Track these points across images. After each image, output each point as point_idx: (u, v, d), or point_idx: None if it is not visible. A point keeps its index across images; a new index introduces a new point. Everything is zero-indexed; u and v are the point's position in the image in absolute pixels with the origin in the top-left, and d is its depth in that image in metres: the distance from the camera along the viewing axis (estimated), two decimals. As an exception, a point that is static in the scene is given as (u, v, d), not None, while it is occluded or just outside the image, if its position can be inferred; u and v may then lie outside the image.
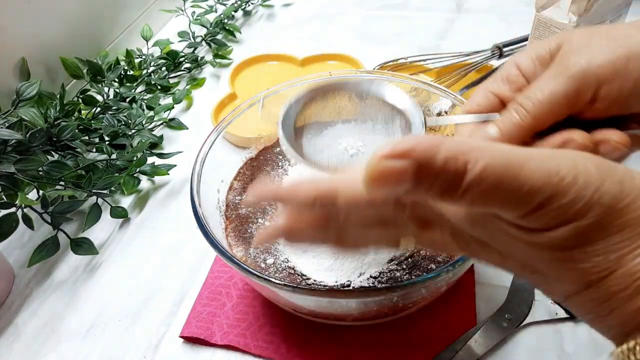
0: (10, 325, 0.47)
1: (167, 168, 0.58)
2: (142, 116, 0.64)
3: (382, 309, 0.38)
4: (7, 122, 0.52)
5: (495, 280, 0.46)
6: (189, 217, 0.40)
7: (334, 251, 0.41)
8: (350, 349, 0.42)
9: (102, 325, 0.46)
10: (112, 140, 0.61)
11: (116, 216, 0.55)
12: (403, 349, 0.41)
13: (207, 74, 0.77)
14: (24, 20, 0.63)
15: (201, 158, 0.44)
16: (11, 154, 0.51)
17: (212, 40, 0.81)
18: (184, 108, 0.71)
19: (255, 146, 0.52)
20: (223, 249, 0.37)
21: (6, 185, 0.49)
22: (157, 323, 0.46)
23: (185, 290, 0.48)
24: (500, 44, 0.68)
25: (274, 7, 0.94)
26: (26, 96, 0.54)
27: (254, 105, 0.50)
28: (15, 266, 0.52)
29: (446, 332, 0.42)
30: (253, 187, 0.31)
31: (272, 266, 0.41)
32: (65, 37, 0.70)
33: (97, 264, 0.51)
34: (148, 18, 0.86)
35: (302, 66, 0.75)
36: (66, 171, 0.52)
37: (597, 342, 0.41)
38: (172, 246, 0.52)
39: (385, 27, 0.84)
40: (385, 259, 0.41)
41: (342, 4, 0.92)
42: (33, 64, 0.64)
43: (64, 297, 0.49)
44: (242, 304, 0.45)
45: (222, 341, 0.43)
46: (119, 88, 0.70)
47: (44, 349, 0.45)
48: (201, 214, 0.40)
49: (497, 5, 0.86)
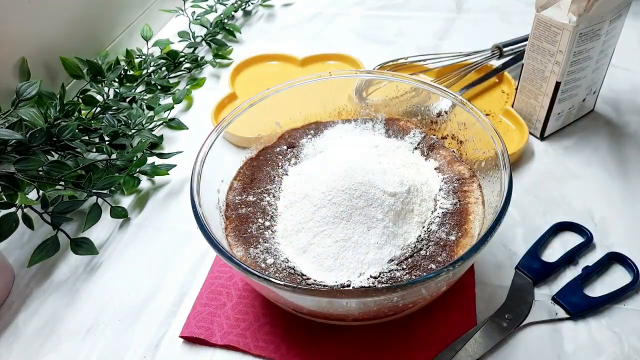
0: (10, 325, 0.47)
1: (167, 168, 0.58)
2: (142, 116, 0.64)
3: (382, 309, 0.38)
4: (7, 122, 0.52)
5: (495, 280, 0.46)
6: (189, 217, 0.40)
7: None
8: (350, 349, 0.42)
9: (102, 325, 0.46)
10: (112, 140, 0.61)
11: (116, 216, 0.55)
12: (403, 348, 0.41)
13: (207, 74, 0.77)
14: (24, 20, 0.63)
15: (201, 158, 0.44)
16: (11, 154, 0.51)
17: (212, 40, 0.81)
18: (184, 108, 0.71)
19: (255, 146, 0.52)
20: (223, 249, 0.37)
21: (6, 185, 0.49)
22: (157, 323, 0.46)
23: (185, 290, 0.48)
24: (500, 44, 0.68)
25: (274, 7, 0.94)
26: (26, 96, 0.54)
27: (254, 105, 0.50)
28: (15, 266, 0.52)
29: (446, 332, 0.42)
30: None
31: (272, 266, 0.41)
32: (65, 37, 0.70)
33: (97, 264, 0.51)
34: (148, 18, 0.86)
35: (302, 66, 0.75)
36: (66, 171, 0.52)
37: (597, 342, 0.41)
38: (172, 246, 0.52)
39: (385, 27, 0.84)
40: (385, 259, 0.41)
41: (342, 4, 0.92)
42: (33, 64, 0.64)
43: (64, 297, 0.49)
44: (242, 304, 0.45)
45: (222, 341, 0.43)
46: (119, 88, 0.70)
47: (44, 349, 0.45)
48: (201, 214, 0.40)
49: (497, 5, 0.86)
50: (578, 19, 0.50)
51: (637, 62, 0.69)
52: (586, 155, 0.57)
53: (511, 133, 0.59)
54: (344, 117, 0.56)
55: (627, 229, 0.49)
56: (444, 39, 0.79)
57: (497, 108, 0.63)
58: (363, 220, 0.41)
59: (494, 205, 0.41)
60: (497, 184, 0.42)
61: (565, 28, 0.51)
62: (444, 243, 0.42)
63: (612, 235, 0.49)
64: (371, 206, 0.41)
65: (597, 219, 0.50)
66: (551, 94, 0.56)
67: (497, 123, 0.61)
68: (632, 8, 0.57)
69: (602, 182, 0.54)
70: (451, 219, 0.44)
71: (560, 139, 0.59)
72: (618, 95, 0.64)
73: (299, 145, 0.52)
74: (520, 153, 0.57)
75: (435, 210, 0.45)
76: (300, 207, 0.44)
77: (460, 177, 0.47)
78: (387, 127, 0.54)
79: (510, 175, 0.40)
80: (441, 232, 0.43)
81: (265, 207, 0.46)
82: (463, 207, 0.44)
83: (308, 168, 0.48)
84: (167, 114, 0.68)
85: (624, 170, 0.55)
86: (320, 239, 0.41)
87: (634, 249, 0.47)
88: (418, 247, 0.42)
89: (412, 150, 0.51)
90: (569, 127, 0.61)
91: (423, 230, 0.43)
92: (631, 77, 0.67)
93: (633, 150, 0.57)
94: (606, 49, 0.56)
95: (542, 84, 0.56)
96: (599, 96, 0.62)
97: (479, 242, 0.36)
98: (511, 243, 0.49)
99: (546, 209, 0.52)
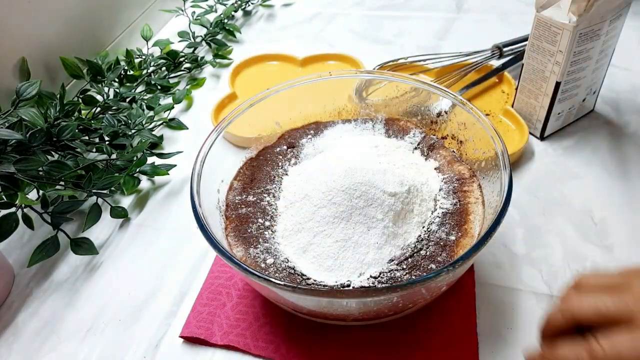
0: (10, 325, 0.47)
1: (167, 168, 0.58)
2: (142, 116, 0.64)
3: (382, 309, 0.38)
4: (7, 122, 0.52)
5: (495, 280, 0.46)
6: (189, 217, 0.40)
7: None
8: (350, 349, 0.42)
9: (102, 325, 0.46)
10: (112, 140, 0.61)
11: (116, 216, 0.55)
12: (403, 348, 0.41)
13: (207, 74, 0.77)
14: (24, 20, 0.63)
15: (201, 158, 0.44)
16: (11, 154, 0.51)
17: (212, 40, 0.81)
18: (184, 108, 0.71)
19: (255, 146, 0.52)
20: (223, 249, 0.37)
21: (6, 185, 0.49)
22: (157, 323, 0.46)
23: (185, 290, 0.48)
24: (500, 44, 0.68)
25: (274, 7, 0.94)
26: (26, 96, 0.54)
27: (254, 105, 0.50)
28: (15, 266, 0.52)
29: (446, 332, 0.42)
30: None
31: (272, 266, 0.41)
32: (65, 37, 0.70)
33: (97, 264, 0.51)
34: (148, 18, 0.86)
35: (302, 66, 0.75)
36: (66, 171, 0.52)
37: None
38: (172, 246, 0.52)
39: (385, 27, 0.84)
40: (385, 259, 0.41)
41: (342, 4, 0.92)
42: (33, 64, 0.64)
43: (64, 297, 0.49)
44: (242, 304, 0.45)
45: (222, 341, 0.43)
46: (119, 88, 0.70)
47: (44, 349, 0.45)
48: (201, 214, 0.40)
49: (497, 5, 0.86)
50: (578, 19, 0.50)
51: (637, 62, 0.69)
52: (586, 155, 0.57)
53: (511, 133, 0.59)
54: (344, 117, 0.56)
55: (627, 229, 0.49)
56: (444, 39, 0.79)
57: (497, 108, 0.63)
58: (363, 220, 0.41)
59: (494, 205, 0.41)
60: (497, 184, 0.42)
61: (565, 28, 0.51)
62: (444, 243, 0.42)
63: (612, 235, 0.49)
64: (371, 206, 0.41)
65: (597, 219, 0.50)
66: (551, 94, 0.56)
67: (497, 123, 0.61)
68: (632, 8, 0.57)
69: (602, 182, 0.54)
70: (451, 219, 0.44)
71: (560, 139, 0.59)
72: (618, 95, 0.64)
73: (299, 145, 0.52)
74: (520, 153, 0.57)
75: (435, 210, 0.45)
76: (300, 207, 0.44)
77: (460, 177, 0.47)
78: (387, 127, 0.54)
79: (510, 175, 0.40)
80: (441, 232, 0.43)
81: (265, 207, 0.46)
82: (463, 207, 0.44)
83: (308, 168, 0.48)
84: (167, 114, 0.68)
85: (624, 170, 0.55)
86: (320, 239, 0.41)
87: (634, 249, 0.47)
88: (418, 247, 0.42)
89: (412, 150, 0.51)
90: (569, 127, 0.61)
91: (423, 230, 0.43)
92: (631, 77, 0.67)
93: (633, 150, 0.57)
94: (606, 49, 0.56)
95: (542, 84, 0.56)
96: (599, 96, 0.62)
97: (479, 242, 0.36)
98: (511, 243, 0.49)
99: (546, 209, 0.52)
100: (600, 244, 0.48)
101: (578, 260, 0.47)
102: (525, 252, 0.48)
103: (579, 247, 0.48)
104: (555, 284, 0.45)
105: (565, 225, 0.50)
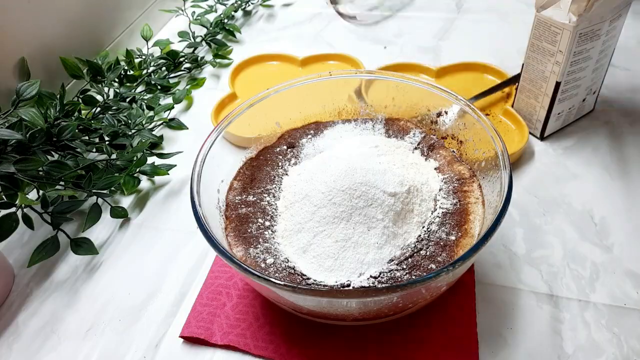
0: (10, 325, 0.47)
1: (167, 168, 0.58)
2: (142, 116, 0.64)
3: (382, 309, 0.38)
4: (7, 122, 0.52)
5: (495, 280, 0.46)
6: (189, 217, 0.40)
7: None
8: (350, 349, 0.42)
9: (102, 325, 0.46)
10: (112, 140, 0.61)
11: (116, 216, 0.55)
12: (403, 348, 0.41)
13: (207, 74, 0.77)
14: (24, 20, 0.63)
15: (201, 158, 0.44)
16: (11, 154, 0.51)
17: (212, 40, 0.81)
18: (184, 108, 0.71)
19: (255, 146, 0.52)
20: (223, 249, 0.37)
21: (6, 185, 0.49)
22: (157, 323, 0.46)
23: (185, 290, 0.48)
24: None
25: (274, 7, 0.94)
26: (26, 96, 0.54)
27: (254, 105, 0.50)
28: (15, 266, 0.52)
29: (446, 332, 0.42)
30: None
31: (272, 266, 0.41)
32: (65, 37, 0.70)
33: (97, 264, 0.51)
34: (148, 18, 0.86)
35: (302, 66, 0.75)
36: (66, 171, 0.52)
37: (597, 343, 0.41)
38: (172, 246, 0.52)
39: (385, 27, 0.84)
40: (385, 259, 0.41)
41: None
42: (33, 64, 0.64)
43: (64, 297, 0.49)
44: (242, 304, 0.45)
45: (222, 341, 0.43)
46: (119, 88, 0.70)
47: (44, 349, 0.45)
48: (201, 214, 0.40)
49: (497, 5, 0.86)
50: (578, 19, 0.50)
51: (637, 62, 0.69)
52: (586, 155, 0.57)
53: (511, 133, 0.59)
54: (344, 117, 0.56)
55: (627, 229, 0.49)
56: (443, 39, 0.79)
57: (497, 108, 0.63)
58: (363, 220, 0.41)
59: (494, 205, 0.41)
60: (497, 184, 0.42)
61: (565, 28, 0.51)
62: (444, 243, 0.42)
63: (612, 235, 0.49)
64: (371, 206, 0.41)
65: (597, 219, 0.50)
66: (551, 94, 0.56)
67: (497, 123, 0.61)
68: (632, 8, 0.57)
69: (602, 182, 0.54)
70: (451, 219, 0.44)
71: (560, 139, 0.59)
72: (618, 95, 0.64)
73: (299, 145, 0.52)
74: (520, 153, 0.57)
75: (435, 210, 0.45)
76: (300, 207, 0.44)
77: (460, 177, 0.47)
78: (387, 127, 0.54)
79: (510, 175, 0.40)
80: (441, 232, 0.43)
81: (265, 207, 0.46)
82: (463, 207, 0.44)
83: (308, 168, 0.48)
84: (167, 114, 0.68)
85: (624, 170, 0.55)
86: (320, 239, 0.41)
87: (634, 249, 0.47)
88: (418, 247, 0.42)
89: (412, 150, 0.51)
90: (569, 127, 0.61)
91: (423, 230, 0.43)
92: (631, 77, 0.67)
93: (633, 150, 0.57)
94: (606, 49, 0.56)
95: (542, 84, 0.56)
96: (599, 96, 0.62)
97: (479, 242, 0.36)
98: (511, 243, 0.49)
99: (546, 209, 0.52)
100: (600, 244, 0.48)
101: (578, 260, 0.47)
102: (525, 252, 0.48)
103: (579, 247, 0.48)
104: (555, 284, 0.45)
105: (565, 225, 0.50)
